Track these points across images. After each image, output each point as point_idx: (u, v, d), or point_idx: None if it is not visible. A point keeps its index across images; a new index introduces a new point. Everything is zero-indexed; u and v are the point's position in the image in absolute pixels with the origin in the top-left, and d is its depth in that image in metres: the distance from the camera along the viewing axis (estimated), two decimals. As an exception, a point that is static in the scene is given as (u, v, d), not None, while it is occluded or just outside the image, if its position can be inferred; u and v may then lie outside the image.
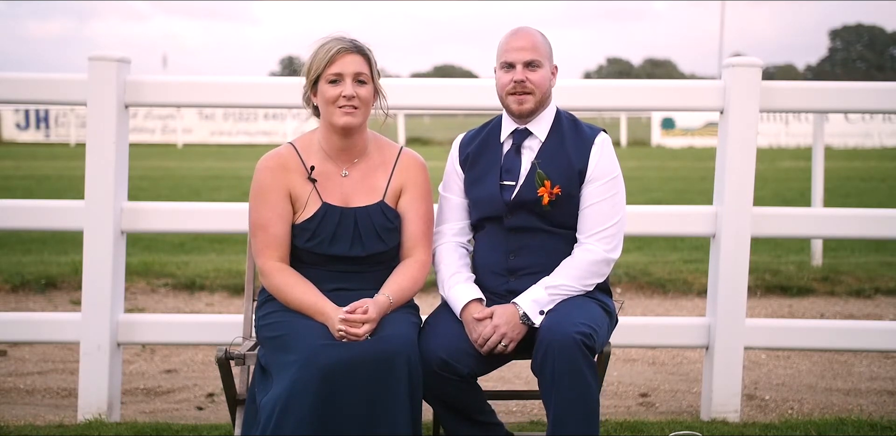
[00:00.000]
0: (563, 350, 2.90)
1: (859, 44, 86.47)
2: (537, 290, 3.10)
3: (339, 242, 3.12)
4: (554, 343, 2.91)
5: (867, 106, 4.16)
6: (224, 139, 31.62)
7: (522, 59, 3.17)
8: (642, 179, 15.64)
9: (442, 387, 3.04)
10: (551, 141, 3.22)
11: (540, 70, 3.19)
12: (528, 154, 3.23)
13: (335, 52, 3.08)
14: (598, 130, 3.26)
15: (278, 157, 3.18)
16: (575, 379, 2.91)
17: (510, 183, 3.20)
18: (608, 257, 3.17)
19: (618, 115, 31.43)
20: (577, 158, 3.18)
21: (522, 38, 3.20)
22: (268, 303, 3.16)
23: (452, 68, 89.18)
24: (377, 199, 3.19)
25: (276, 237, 3.11)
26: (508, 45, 3.21)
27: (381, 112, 3.26)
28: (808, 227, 4.24)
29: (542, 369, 2.95)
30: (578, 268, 3.14)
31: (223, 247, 8.68)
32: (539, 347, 2.95)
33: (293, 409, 2.81)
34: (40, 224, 4.12)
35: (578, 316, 3.00)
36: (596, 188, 3.18)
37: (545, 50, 3.22)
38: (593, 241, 3.17)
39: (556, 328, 2.94)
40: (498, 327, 3.03)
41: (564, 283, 3.11)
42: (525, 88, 3.17)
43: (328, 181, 3.17)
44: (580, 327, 2.94)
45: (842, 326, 4.29)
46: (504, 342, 3.03)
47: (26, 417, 4.15)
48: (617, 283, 7.03)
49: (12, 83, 4.05)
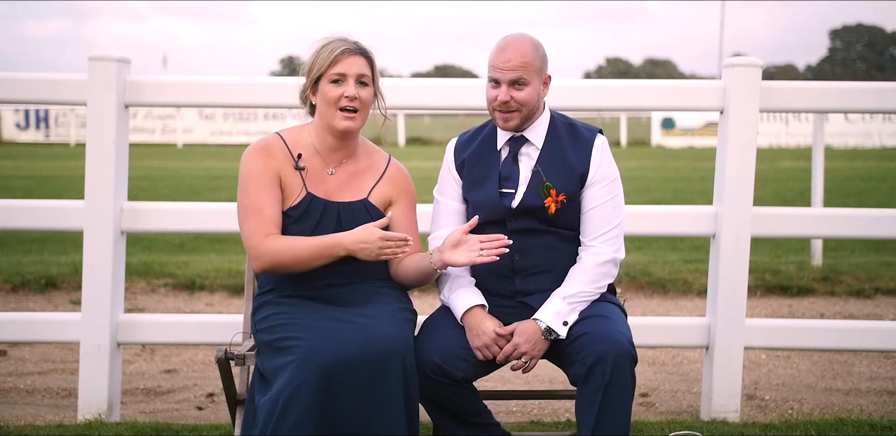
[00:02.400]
0: (617, 364, 2.90)
1: (859, 44, 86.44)
2: (556, 302, 3.06)
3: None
4: (608, 355, 2.89)
5: (867, 106, 4.15)
6: (224, 139, 31.61)
7: (507, 78, 3.08)
8: (642, 179, 15.64)
9: (436, 391, 3.03)
10: (549, 147, 3.20)
11: (526, 88, 3.10)
12: (525, 161, 3.20)
13: (339, 53, 3.08)
14: (596, 132, 3.24)
15: (266, 144, 3.17)
16: (622, 392, 2.92)
17: (510, 191, 3.18)
18: (615, 258, 3.18)
19: (618, 115, 31.42)
20: (577, 163, 3.17)
21: (511, 53, 3.09)
22: (263, 307, 3.14)
23: (452, 68, 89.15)
24: (361, 197, 3.18)
25: (272, 219, 3.06)
26: (496, 60, 3.11)
27: (380, 114, 3.26)
28: (808, 227, 4.24)
29: (589, 378, 2.92)
30: (589, 272, 3.13)
31: (223, 247, 8.68)
32: (588, 354, 2.92)
33: (291, 409, 2.81)
34: (40, 224, 4.12)
35: (620, 324, 3.03)
36: (598, 191, 3.17)
37: (535, 64, 3.10)
38: (598, 243, 3.17)
39: (609, 340, 2.92)
40: (518, 346, 3.01)
41: (581, 290, 3.10)
42: (510, 108, 3.12)
43: (314, 175, 3.16)
44: (628, 339, 2.95)
45: (842, 326, 4.28)
46: (524, 360, 3.02)
47: (26, 417, 4.15)
48: (617, 283, 6.93)
49: (12, 83, 4.05)
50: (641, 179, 15.63)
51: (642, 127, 34.73)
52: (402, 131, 27.89)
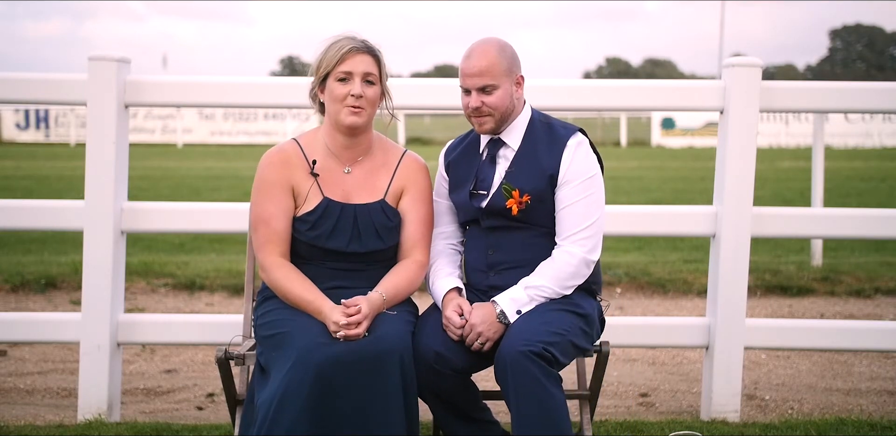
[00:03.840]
0: (515, 366, 2.90)
1: (859, 44, 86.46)
2: (517, 289, 3.12)
3: (338, 237, 3.13)
4: (506, 358, 2.92)
5: (867, 106, 4.15)
6: (224, 139, 31.63)
7: (475, 85, 3.15)
8: (642, 179, 15.65)
9: (437, 382, 3.05)
10: (524, 149, 3.23)
11: (496, 92, 3.15)
12: (502, 163, 3.25)
13: (346, 51, 3.10)
14: (573, 131, 3.24)
15: (281, 152, 3.20)
16: (534, 393, 2.90)
17: (482, 192, 3.23)
18: (587, 259, 3.16)
19: (618, 115, 31.43)
20: (548, 163, 3.18)
21: (476, 60, 3.15)
22: (266, 302, 3.17)
23: (452, 68, 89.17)
24: (378, 197, 3.20)
25: (278, 232, 3.13)
26: (464, 70, 3.18)
27: (387, 113, 3.27)
28: (808, 227, 4.24)
29: (502, 384, 2.96)
30: (557, 269, 3.14)
31: (223, 247, 8.68)
32: (497, 361, 2.97)
33: (288, 408, 2.82)
34: (40, 224, 4.12)
35: (536, 328, 2.98)
36: (570, 190, 3.17)
37: (501, 68, 3.15)
38: (569, 243, 3.16)
39: (507, 344, 2.95)
40: (474, 327, 3.05)
41: (544, 284, 3.11)
42: (482, 113, 3.18)
43: (330, 177, 3.18)
44: (534, 341, 2.92)
45: (842, 326, 4.29)
46: (480, 341, 3.05)
47: (26, 417, 4.15)
48: (617, 283, 7.04)
49: (12, 83, 4.05)
50: (641, 179, 15.64)
51: (642, 127, 34.74)
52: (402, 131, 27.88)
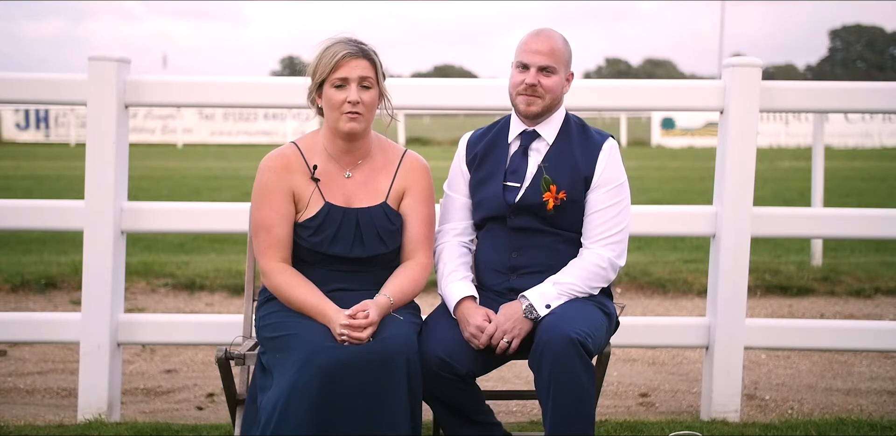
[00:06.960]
0: (559, 351, 2.90)
1: (859, 44, 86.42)
2: (546, 285, 3.11)
3: (341, 242, 3.12)
4: (551, 343, 2.91)
5: (867, 106, 4.15)
6: (224, 139, 31.60)
7: (538, 62, 3.16)
8: (642, 179, 15.64)
9: (440, 387, 3.04)
10: (559, 145, 3.22)
11: (554, 76, 3.18)
12: (534, 156, 3.23)
13: (340, 57, 3.06)
14: (607, 136, 3.26)
15: (281, 156, 3.18)
16: (571, 381, 2.91)
17: (514, 184, 3.20)
18: (615, 263, 3.18)
19: (618, 115, 31.40)
20: (583, 164, 3.19)
21: (543, 41, 3.18)
22: (268, 303, 3.16)
23: (452, 68, 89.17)
24: (380, 200, 3.19)
25: (279, 238, 3.11)
26: (527, 46, 3.19)
27: (386, 114, 3.26)
28: (808, 227, 4.24)
29: (539, 369, 2.95)
30: (586, 269, 3.14)
31: (223, 247, 8.68)
32: (536, 346, 2.96)
33: (293, 410, 2.81)
34: (40, 224, 4.12)
35: (577, 319, 3.00)
36: (602, 194, 3.18)
37: (563, 57, 3.20)
38: (598, 247, 3.17)
39: (554, 330, 2.94)
40: (500, 325, 3.04)
41: (572, 281, 3.11)
42: (535, 92, 3.17)
43: (331, 182, 3.17)
44: (578, 330, 2.93)
45: (842, 326, 4.29)
46: (507, 339, 3.03)
47: (26, 417, 4.15)
48: (617, 283, 7.03)
49: (12, 83, 4.05)
50: (641, 179, 15.62)
51: (642, 127, 34.72)
52: (402, 131, 27.88)
